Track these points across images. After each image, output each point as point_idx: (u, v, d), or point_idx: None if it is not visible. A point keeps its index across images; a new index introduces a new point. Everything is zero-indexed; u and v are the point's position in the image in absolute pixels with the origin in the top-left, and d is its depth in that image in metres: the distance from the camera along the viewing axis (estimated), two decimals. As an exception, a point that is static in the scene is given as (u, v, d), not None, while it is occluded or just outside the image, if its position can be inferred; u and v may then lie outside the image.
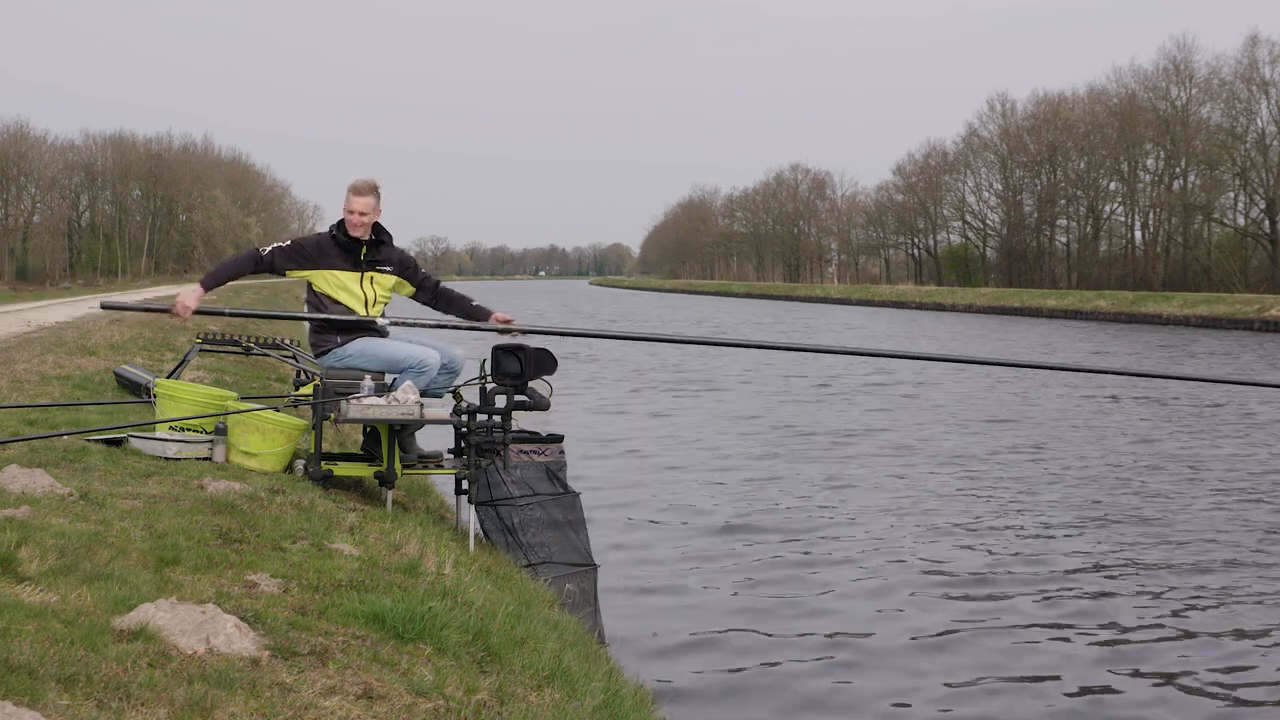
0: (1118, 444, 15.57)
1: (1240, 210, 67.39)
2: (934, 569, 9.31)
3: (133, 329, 18.13)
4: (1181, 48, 69.28)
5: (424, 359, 7.16)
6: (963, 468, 13.79)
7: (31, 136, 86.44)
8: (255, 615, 4.00)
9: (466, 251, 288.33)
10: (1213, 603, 8.46)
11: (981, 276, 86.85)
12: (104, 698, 3.09)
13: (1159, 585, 8.87)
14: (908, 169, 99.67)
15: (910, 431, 16.74)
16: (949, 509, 11.49)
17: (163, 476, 6.29)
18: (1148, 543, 10.13)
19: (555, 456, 7.28)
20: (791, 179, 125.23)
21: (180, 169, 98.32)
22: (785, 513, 11.32)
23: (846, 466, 13.90)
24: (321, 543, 5.29)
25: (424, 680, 3.82)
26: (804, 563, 9.51)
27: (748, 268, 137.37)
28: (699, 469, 13.74)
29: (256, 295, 49.38)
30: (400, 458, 7.08)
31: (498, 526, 7.03)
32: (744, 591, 8.70)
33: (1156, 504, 11.71)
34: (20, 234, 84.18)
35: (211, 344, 11.37)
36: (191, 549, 4.72)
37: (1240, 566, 9.37)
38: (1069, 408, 19.65)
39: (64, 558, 4.22)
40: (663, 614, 8.14)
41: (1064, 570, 9.29)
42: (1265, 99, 63.72)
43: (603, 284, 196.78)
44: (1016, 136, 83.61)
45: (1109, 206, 76.73)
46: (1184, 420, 18.00)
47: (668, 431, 16.90)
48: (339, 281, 7.18)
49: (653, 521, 10.95)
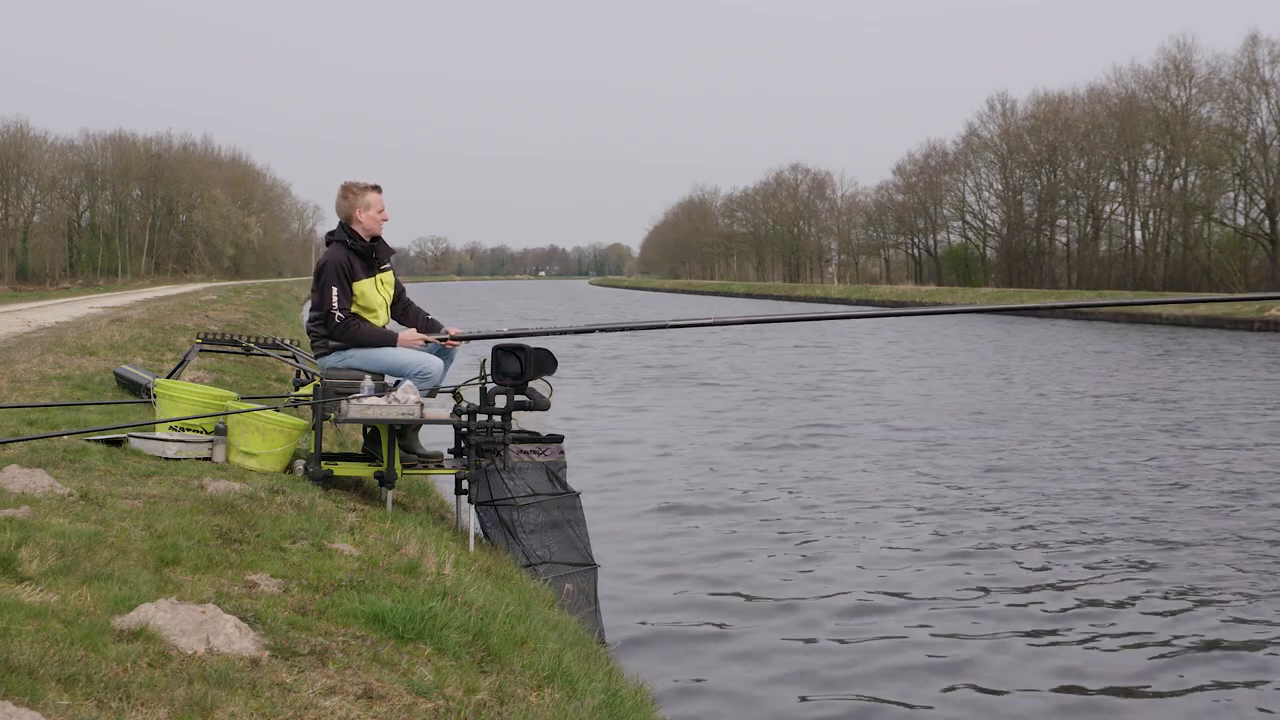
0: (1126, 444, 15.58)
1: (1240, 210, 67.42)
2: (942, 563, 9.30)
3: (133, 329, 18.13)
4: (1181, 48, 69.35)
5: (426, 365, 7.18)
6: (966, 461, 13.79)
7: (31, 136, 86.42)
8: (255, 615, 4.00)
9: (466, 251, 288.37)
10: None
11: (981, 276, 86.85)
12: (104, 698, 3.09)
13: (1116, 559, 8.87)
14: (908, 169, 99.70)
15: (910, 424, 16.74)
16: (955, 501, 11.47)
17: (163, 476, 6.29)
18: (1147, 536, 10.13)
19: (555, 456, 7.28)
20: (791, 179, 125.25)
21: (180, 169, 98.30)
22: (787, 512, 11.32)
23: (848, 465, 13.89)
24: (321, 543, 5.30)
25: (424, 680, 3.82)
26: (806, 562, 9.50)
27: (748, 268, 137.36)
28: (700, 469, 13.73)
29: (257, 295, 49.38)
30: (400, 458, 7.08)
31: (498, 526, 7.03)
32: (745, 591, 8.70)
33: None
34: (20, 234, 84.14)
35: (211, 344, 11.38)
36: (191, 549, 4.72)
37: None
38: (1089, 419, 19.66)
39: (64, 558, 4.22)
40: (663, 614, 8.13)
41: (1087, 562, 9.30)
42: (1265, 99, 63.74)
43: (603, 284, 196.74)
44: (1016, 136, 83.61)
45: (1109, 206, 76.77)
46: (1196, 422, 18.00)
47: (668, 431, 16.89)
48: (359, 290, 7.19)
49: (653, 521, 10.94)
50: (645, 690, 5.15)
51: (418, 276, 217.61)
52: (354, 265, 7.16)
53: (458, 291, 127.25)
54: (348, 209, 7.24)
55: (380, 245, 7.35)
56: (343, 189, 7.28)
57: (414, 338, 7.28)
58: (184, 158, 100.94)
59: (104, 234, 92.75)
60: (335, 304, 7.07)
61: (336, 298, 7.07)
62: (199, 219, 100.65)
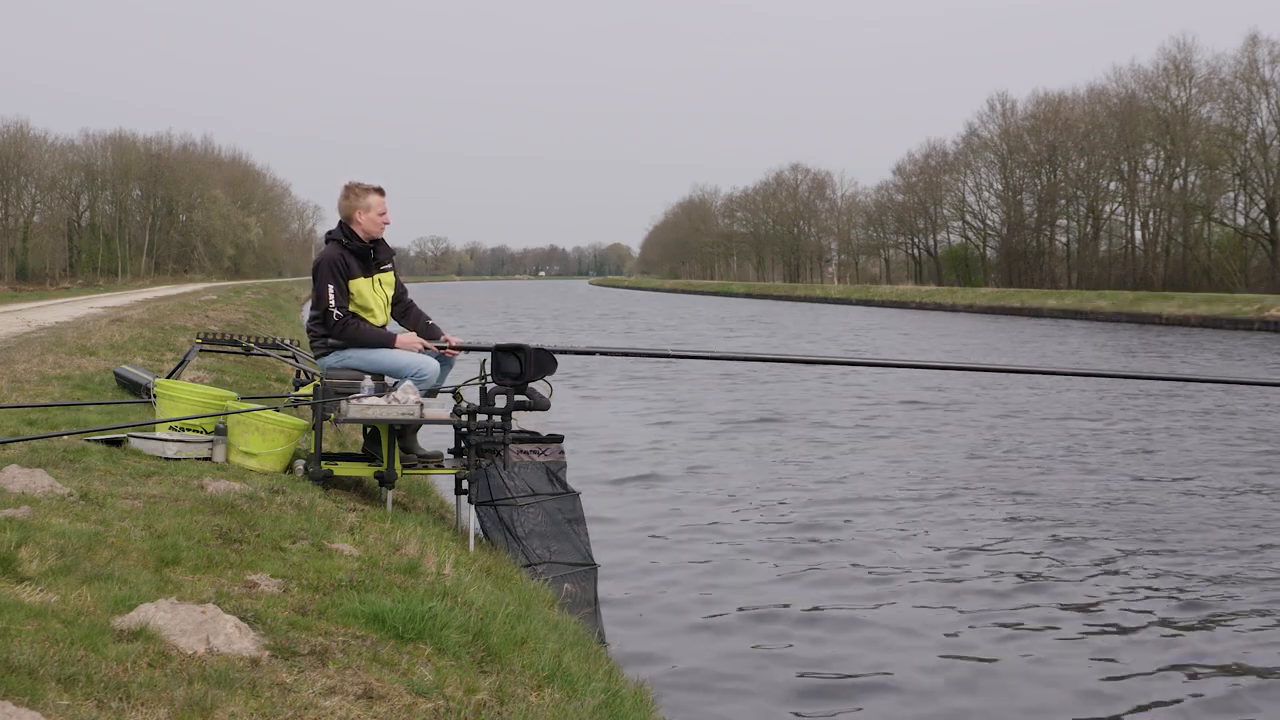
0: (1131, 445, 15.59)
1: (1240, 210, 67.41)
2: (945, 568, 9.30)
3: (133, 329, 18.13)
4: (1181, 48, 69.33)
5: (423, 367, 7.20)
6: (967, 460, 13.79)
7: (31, 136, 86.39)
8: (255, 615, 4.00)
9: (466, 251, 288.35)
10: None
11: (981, 276, 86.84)
12: (104, 698, 3.09)
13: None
14: (908, 169, 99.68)
15: (922, 430, 16.74)
16: (959, 507, 11.48)
17: (163, 476, 6.29)
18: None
19: (555, 456, 7.28)
20: (791, 179, 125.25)
21: (180, 169, 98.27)
22: (788, 511, 11.32)
23: (851, 464, 13.89)
24: (321, 543, 5.30)
25: (424, 680, 3.82)
26: (807, 561, 9.50)
27: (748, 268, 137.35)
28: (700, 468, 13.73)
29: (257, 295, 49.37)
30: (400, 458, 7.08)
31: (498, 526, 7.03)
32: (746, 591, 8.69)
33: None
34: (20, 234, 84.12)
35: (211, 344, 11.38)
36: (191, 549, 4.72)
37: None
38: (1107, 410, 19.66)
39: (64, 558, 4.22)
40: (664, 613, 8.13)
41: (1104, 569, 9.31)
42: (1265, 99, 63.73)
43: (603, 284, 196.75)
44: (1016, 136, 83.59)
45: (1109, 206, 76.75)
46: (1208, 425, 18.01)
47: (667, 431, 16.90)
48: (356, 289, 7.20)
49: (653, 521, 10.94)
50: (645, 690, 5.15)
51: (418, 276, 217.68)
52: (350, 264, 7.17)
53: (458, 292, 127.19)
54: (348, 209, 7.26)
55: (380, 246, 7.36)
56: (345, 189, 7.31)
57: (413, 341, 7.29)
58: (184, 158, 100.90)
59: (104, 234, 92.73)
60: (332, 302, 7.10)
61: (333, 295, 7.10)
62: (199, 219, 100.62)
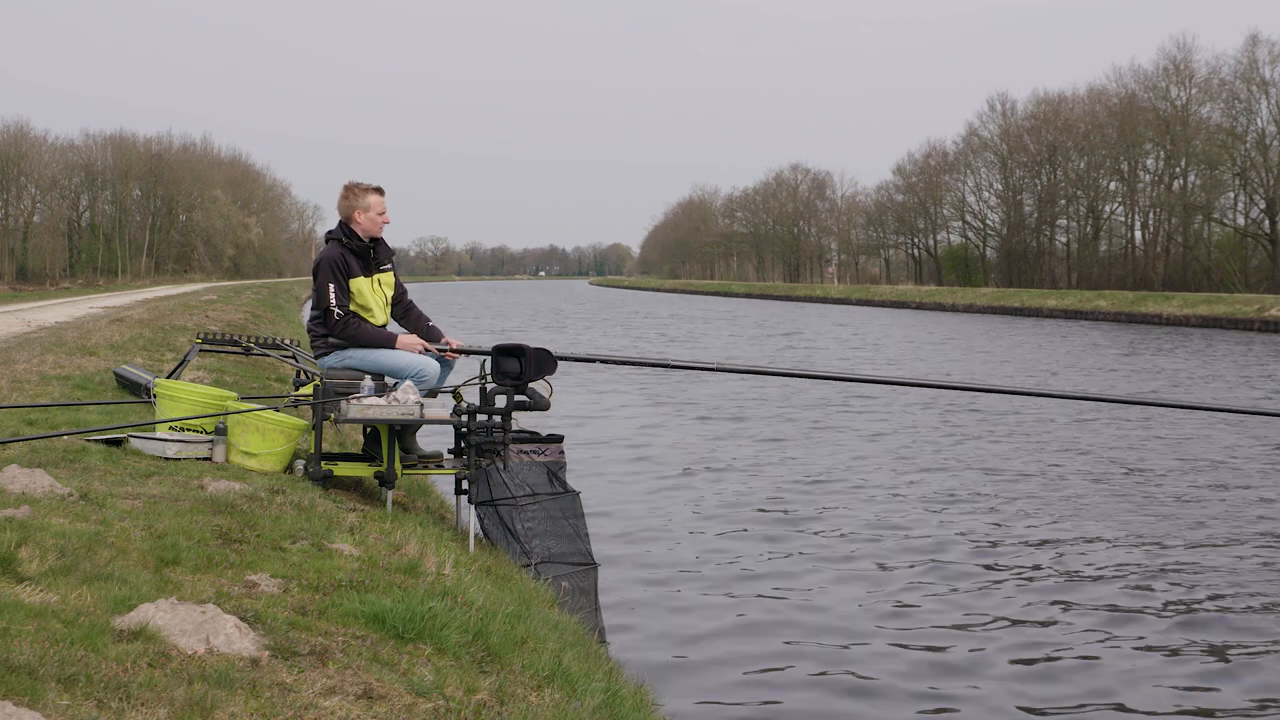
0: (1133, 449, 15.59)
1: (1240, 210, 67.41)
2: (943, 567, 9.31)
3: (133, 329, 18.14)
4: (1181, 48, 69.32)
5: (423, 368, 7.20)
6: (966, 460, 13.79)
7: (31, 136, 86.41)
8: (255, 615, 4.00)
9: (466, 251, 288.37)
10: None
11: (981, 276, 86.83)
12: (104, 698, 3.09)
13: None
14: (908, 169, 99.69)
15: (921, 433, 16.75)
16: (955, 506, 11.48)
17: (163, 476, 6.29)
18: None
19: (555, 456, 7.29)
20: (791, 179, 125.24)
21: (180, 169, 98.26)
22: (789, 511, 11.32)
23: (862, 465, 13.89)
24: (321, 543, 5.30)
25: (424, 680, 3.82)
26: (807, 561, 9.50)
27: (748, 268, 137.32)
28: (700, 468, 13.73)
29: (257, 295, 49.37)
30: (400, 458, 7.09)
31: (498, 526, 7.04)
32: (745, 590, 8.70)
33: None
34: (20, 234, 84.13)
35: (211, 344, 11.39)
36: (191, 549, 4.72)
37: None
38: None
39: (64, 558, 4.22)
40: (663, 613, 8.14)
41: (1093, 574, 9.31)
42: (1265, 99, 63.71)
43: (603, 284, 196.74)
44: (1016, 136, 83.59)
45: (1109, 206, 76.75)
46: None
47: (667, 430, 16.90)
48: (355, 288, 7.21)
49: (655, 520, 10.94)
50: (645, 690, 5.15)
51: (418, 276, 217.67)
52: (349, 263, 7.19)
53: (459, 292, 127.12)
54: (347, 209, 7.27)
55: (380, 246, 7.38)
56: (345, 189, 7.33)
57: (414, 343, 7.30)
58: (184, 158, 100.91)
59: (104, 234, 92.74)
60: (333, 300, 7.11)
61: (334, 294, 7.12)
62: (199, 219, 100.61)
